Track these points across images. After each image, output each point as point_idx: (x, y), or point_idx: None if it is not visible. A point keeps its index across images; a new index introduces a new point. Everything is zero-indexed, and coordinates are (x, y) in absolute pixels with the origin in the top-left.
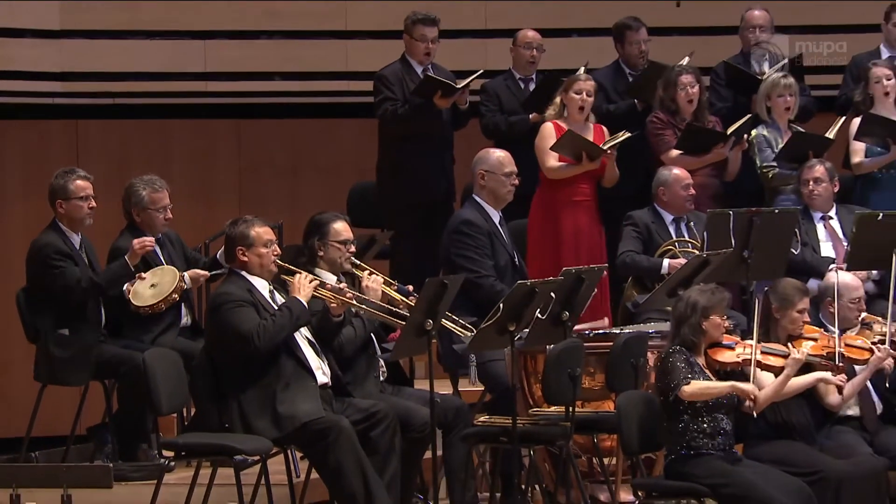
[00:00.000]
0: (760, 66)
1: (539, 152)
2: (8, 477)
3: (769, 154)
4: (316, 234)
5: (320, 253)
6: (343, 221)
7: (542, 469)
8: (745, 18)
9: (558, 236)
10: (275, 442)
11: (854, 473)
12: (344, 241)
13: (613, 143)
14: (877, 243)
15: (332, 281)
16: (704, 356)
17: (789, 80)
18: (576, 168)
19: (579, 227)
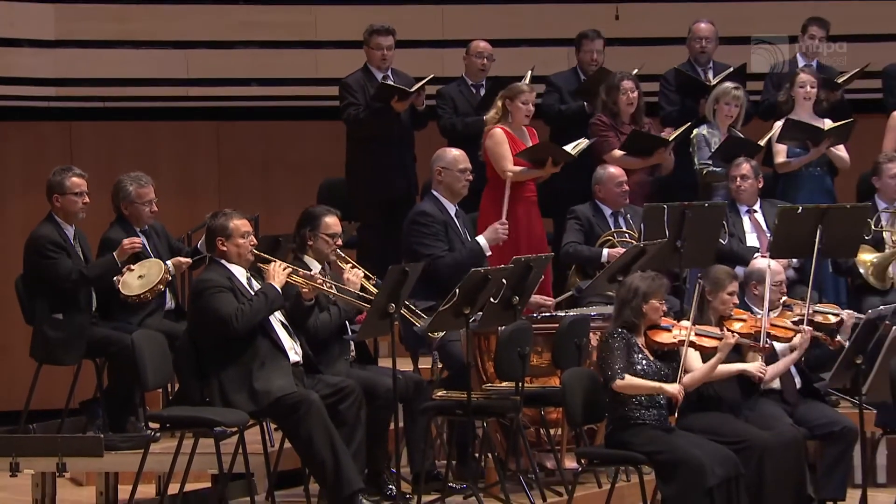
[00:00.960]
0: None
1: (495, 157)
2: (8, 446)
3: (706, 152)
4: (308, 224)
5: (310, 243)
6: (334, 216)
7: (495, 439)
8: (693, 30)
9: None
10: (251, 415)
11: (776, 442)
12: (333, 234)
13: (579, 149)
14: (796, 234)
15: (317, 269)
16: (644, 336)
17: (739, 92)
18: (535, 172)
19: (527, 220)
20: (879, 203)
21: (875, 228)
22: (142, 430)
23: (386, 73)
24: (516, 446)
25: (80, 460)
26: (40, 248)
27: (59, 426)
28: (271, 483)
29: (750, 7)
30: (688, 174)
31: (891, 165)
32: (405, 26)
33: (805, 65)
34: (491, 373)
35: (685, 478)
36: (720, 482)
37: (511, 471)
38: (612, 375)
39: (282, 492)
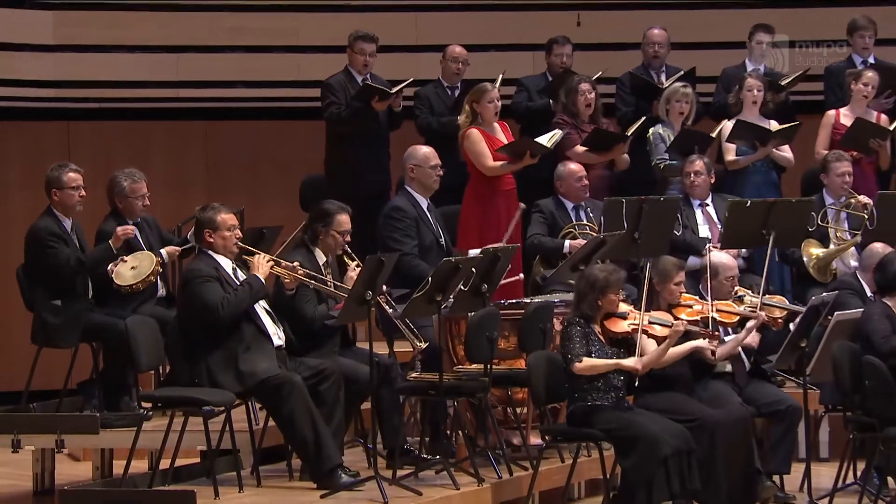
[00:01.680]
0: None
1: (475, 155)
2: (10, 424)
3: (662, 149)
4: (322, 220)
5: (321, 237)
6: (346, 214)
7: (465, 417)
8: (647, 36)
9: (490, 220)
10: (237, 395)
11: (726, 419)
12: (343, 231)
13: (554, 140)
14: (746, 226)
15: (322, 261)
16: (600, 325)
17: (688, 90)
18: (515, 165)
19: (507, 212)
20: (826, 199)
21: (821, 224)
22: (135, 409)
23: (365, 76)
24: (485, 424)
25: (78, 437)
26: (40, 238)
27: (57, 405)
28: (256, 458)
29: (700, 14)
30: (644, 172)
31: (839, 164)
32: (382, 32)
33: (752, 69)
34: (461, 356)
35: (642, 451)
36: (674, 453)
37: (480, 447)
38: (571, 359)
39: (266, 467)
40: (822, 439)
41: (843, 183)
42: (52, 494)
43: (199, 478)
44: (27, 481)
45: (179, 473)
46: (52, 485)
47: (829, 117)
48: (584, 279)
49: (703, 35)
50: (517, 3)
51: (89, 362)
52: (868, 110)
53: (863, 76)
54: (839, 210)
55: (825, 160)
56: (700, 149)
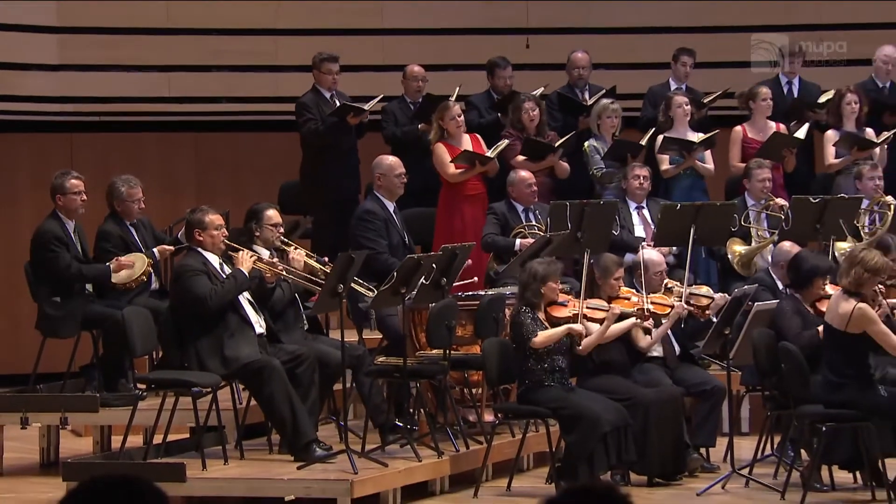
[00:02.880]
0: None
1: (439, 166)
2: (19, 403)
3: (598, 159)
4: (253, 219)
5: (257, 233)
6: (274, 209)
7: (426, 397)
8: (571, 59)
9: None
10: (223, 377)
11: (658, 399)
12: (274, 224)
13: (497, 150)
14: (676, 227)
15: (266, 255)
16: (544, 312)
17: (616, 106)
18: (471, 172)
19: (475, 214)
20: (748, 201)
21: (743, 224)
22: (131, 390)
23: (332, 93)
24: (444, 403)
25: (80, 415)
26: (45, 242)
27: (61, 387)
28: (239, 434)
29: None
30: (583, 180)
31: (759, 171)
32: (352, 54)
33: (676, 88)
34: (423, 342)
35: (583, 427)
36: (612, 429)
37: (440, 423)
38: (528, 337)
39: (248, 441)
40: (744, 416)
41: (764, 188)
42: (56, 466)
43: (188, 451)
44: (34, 454)
45: (171, 447)
46: (56, 458)
47: (738, 133)
48: (527, 272)
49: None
50: (472, 28)
51: (90, 348)
52: (768, 122)
53: (759, 94)
54: (759, 212)
55: (747, 167)
56: (632, 156)
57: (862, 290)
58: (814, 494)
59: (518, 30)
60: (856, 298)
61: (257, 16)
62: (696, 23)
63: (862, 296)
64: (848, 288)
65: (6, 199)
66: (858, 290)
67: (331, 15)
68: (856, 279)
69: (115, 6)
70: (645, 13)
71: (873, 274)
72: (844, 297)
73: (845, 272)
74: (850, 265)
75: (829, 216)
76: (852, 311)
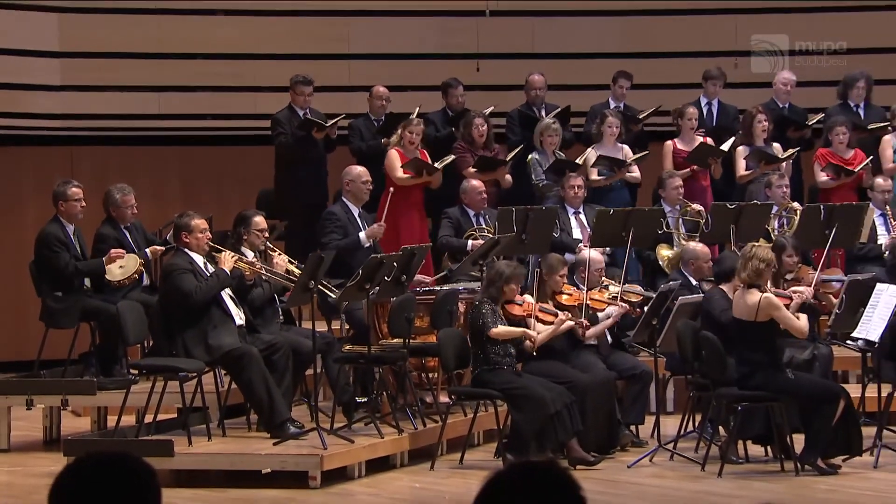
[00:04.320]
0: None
1: (389, 169)
2: (24, 387)
3: (539, 171)
4: (242, 224)
5: (245, 237)
6: (260, 216)
7: (388, 381)
8: (528, 81)
9: (402, 226)
10: (207, 364)
11: (593, 382)
12: (261, 229)
13: (444, 163)
14: (609, 230)
15: (251, 256)
16: (502, 308)
17: (556, 125)
18: (416, 180)
19: (414, 219)
20: (665, 208)
21: (666, 230)
22: (125, 375)
23: (305, 111)
24: (404, 386)
25: (79, 397)
26: (47, 243)
27: (62, 372)
28: (222, 414)
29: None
30: (526, 189)
31: (671, 180)
32: (322, 75)
33: (614, 107)
34: (385, 332)
35: (530, 407)
36: (560, 410)
37: (400, 404)
38: (486, 326)
39: (229, 420)
40: (669, 397)
41: (678, 194)
42: (58, 443)
43: (175, 429)
44: (38, 433)
45: (160, 426)
46: (58, 435)
47: (668, 146)
48: (494, 269)
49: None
50: (429, 53)
51: (88, 338)
52: (695, 137)
53: (686, 113)
54: (678, 217)
55: (660, 178)
56: (571, 169)
57: (760, 281)
58: (730, 466)
59: (470, 55)
60: (758, 290)
61: (238, 42)
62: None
63: (761, 286)
64: (747, 281)
65: (12, 206)
66: (757, 282)
67: (304, 41)
68: (753, 271)
69: (112, 33)
70: (585, 40)
71: (767, 264)
72: (748, 291)
73: (742, 268)
74: (746, 260)
75: (744, 220)
76: (759, 301)
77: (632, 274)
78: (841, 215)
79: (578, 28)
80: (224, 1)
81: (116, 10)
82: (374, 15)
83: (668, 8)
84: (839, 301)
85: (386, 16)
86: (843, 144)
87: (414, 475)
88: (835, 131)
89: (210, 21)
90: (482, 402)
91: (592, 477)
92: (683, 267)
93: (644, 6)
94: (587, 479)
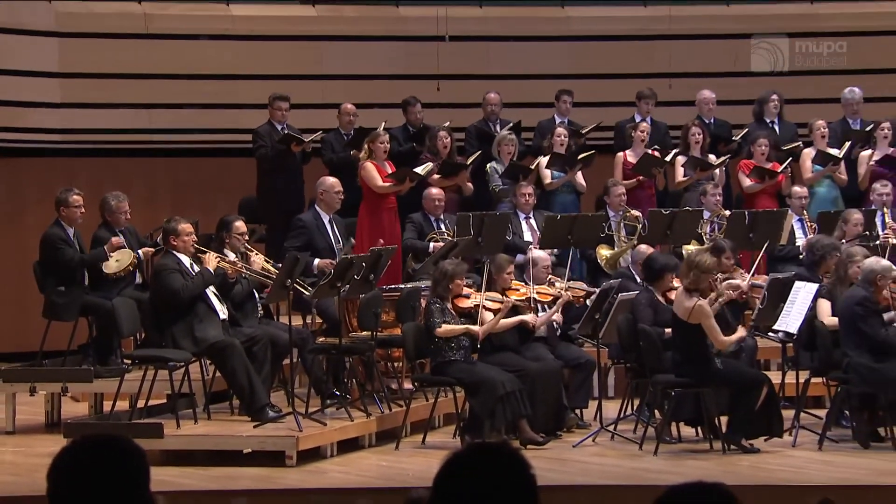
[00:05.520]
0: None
1: (370, 180)
2: (28, 375)
3: (496, 178)
4: (224, 229)
5: (227, 240)
6: (241, 221)
7: (357, 370)
8: (485, 99)
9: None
10: (193, 354)
11: (542, 370)
12: (241, 233)
13: (426, 170)
14: (556, 233)
15: (232, 257)
16: (452, 303)
17: (512, 137)
18: (398, 187)
19: (390, 222)
20: (610, 213)
21: (609, 232)
22: (119, 364)
23: (283, 126)
24: (372, 374)
25: (78, 385)
26: (52, 242)
27: (63, 362)
28: (207, 399)
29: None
30: (485, 196)
31: (615, 188)
32: (298, 94)
33: (560, 122)
34: (355, 325)
35: (484, 392)
36: (507, 392)
37: (368, 390)
38: (434, 325)
39: (214, 405)
40: (610, 383)
41: (620, 201)
42: (58, 426)
43: (165, 413)
44: (41, 416)
45: (151, 410)
46: (58, 419)
47: (619, 158)
48: (438, 270)
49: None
50: (394, 74)
51: (86, 331)
52: (644, 149)
53: (639, 127)
54: (619, 222)
55: (606, 186)
56: (523, 176)
57: (699, 287)
58: (665, 446)
59: (431, 76)
60: (696, 295)
61: (222, 63)
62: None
63: (700, 291)
64: (688, 287)
65: (16, 213)
66: (697, 288)
67: (281, 63)
68: (693, 279)
69: (107, 56)
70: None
71: (707, 273)
72: (686, 295)
73: (685, 274)
74: (689, 268)
75: (677, 225)
76: (693, 308)
77: (577, 272)
78: (763, 220)
79: (528, 51)
80: (209, 26)
81: (111, 35)
82: (344, 40)
83: (609, 34)
84: (762, 297)
85: (355, 40)
86: (763, 156)
87: (381, 455)
88: (757, 143)
89: (196, 45)
90: (442, 389)
91: (541, 456)
92: (631, 266)
93: (586, 32)
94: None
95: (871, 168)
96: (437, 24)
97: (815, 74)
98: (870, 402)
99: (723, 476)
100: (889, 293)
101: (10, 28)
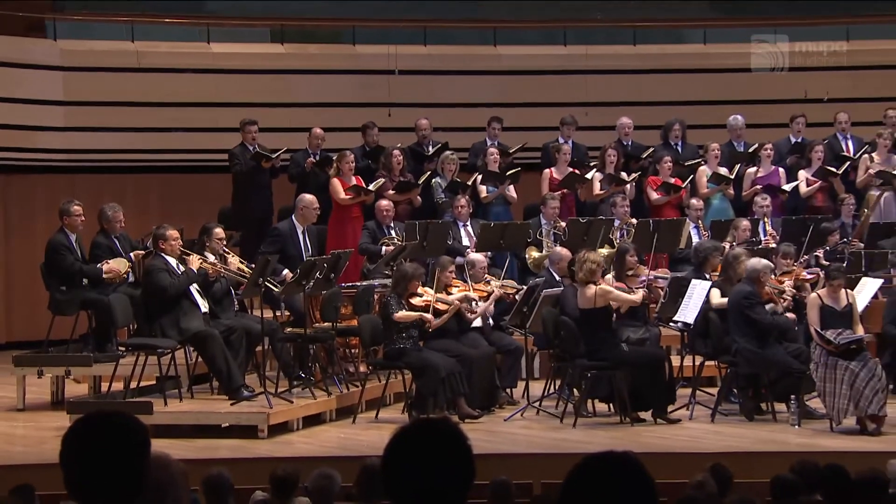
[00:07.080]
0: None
1: (334, 193)
2: (36, 360)
3: (440, 191)
4: (205, 234)
5: (207, 244)
6: (220, 228)
7: (320, 355)
8: (417, 125)
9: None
10: (179, 343)
11: (478, 355)
12: (220, 238)
13: (377, 185)
14: (490, 238)
15: (212, 259)
16: (405, 299)
17: (454, 156)
18: (356, 199)
19: (355, 231)
20: (542, 221)
21: (538, 238)
22: (115, 351)
23: (254, 146)
24: (332, 359)
25: (79, 369)
26: (56, 248)
27: (66, 349)
28: (190, 381)
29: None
30: (430, 205)
31: (552, 202)
32: (267, 120)
33: (491, 143)
34: (318, 317)
35: (428, 375)
36: (448, 374)
37: (329, 373)
38: (390, 311)
39: (196, 386)
40: (536, 366)
41: (554, 212)
42: (62, 404)
43: (154, 393)
44: (47, 396)
45: (142, 390)
46: (62, 398)
47: (546, 174)
48: (399, 271)
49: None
50: (352, 102)
51: (86, 323)
52: (567, 168)
53: (562, 149)
54: (549, 230)
55: (543, 198)
56: (462, 190)
57: (594, 278)
58: (582, 419)
59: (383, 104)
60: (593, 284)
61: (203, 93)
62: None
63: (595, 282)
64: (583, 279)
65: (27, 222)
66: (592, 279)
67: (254, 93)
68: (588, 271)
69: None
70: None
71: (598, 264)
72: (585, 287)
73: (579, 269)
74: (581, 264)
75: (593, 231)
76: (595, 293)
77: (510, 272)
78: (665, 227)
79: (465, 84)
80: (192, 62)
81: (108, 69)
82: (309, 73)
83: (534, 69)
84: (664, 293)
85: (319, 73)
86: (669, 172)
87: (340, 428)
88: (663, 160)
89: (181, 77)
90: (393, 371)
91: (477, 429)
92: (550, 266)
93: (515, 67)
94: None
95: (754, 185)
96: (388, 60)
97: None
98: (754, 381)
99: (630, 445)
100: (769, 288)
101: (21, 63)
